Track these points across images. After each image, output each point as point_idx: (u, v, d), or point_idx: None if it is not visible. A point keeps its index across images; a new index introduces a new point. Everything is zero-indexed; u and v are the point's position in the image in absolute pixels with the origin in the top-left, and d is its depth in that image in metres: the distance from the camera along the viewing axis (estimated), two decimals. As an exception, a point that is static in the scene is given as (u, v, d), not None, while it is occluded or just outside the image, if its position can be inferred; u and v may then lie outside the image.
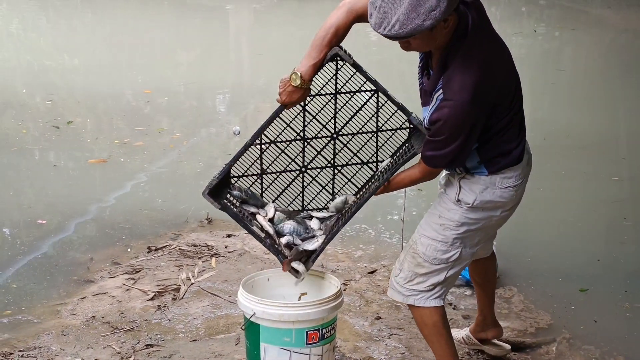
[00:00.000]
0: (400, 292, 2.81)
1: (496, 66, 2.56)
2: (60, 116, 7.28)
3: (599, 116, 7.81)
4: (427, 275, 2.75)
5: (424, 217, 2.85)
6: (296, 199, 2.96)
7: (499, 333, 3.32)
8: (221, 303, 3.76)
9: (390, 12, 2.34)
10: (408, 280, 2.77)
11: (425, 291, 2.77)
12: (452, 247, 2.72)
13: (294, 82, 2.60)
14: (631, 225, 5.05)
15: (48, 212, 5.06)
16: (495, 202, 2.70)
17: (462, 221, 2.69)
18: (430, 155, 2.60)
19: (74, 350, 3.24)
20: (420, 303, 2.77)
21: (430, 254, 2.72)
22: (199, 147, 6.82)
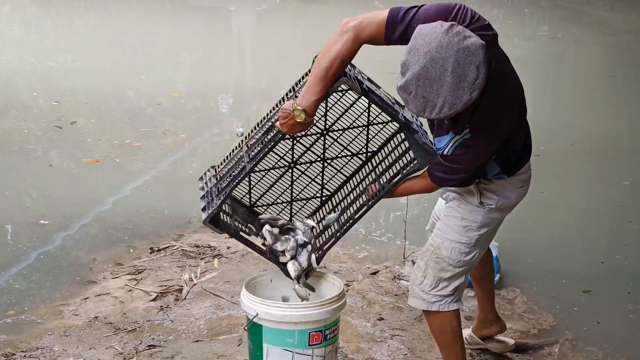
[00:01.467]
0: (426, 299, 2.80)
1: (514, 96, 2.58)
2: (64, 117, 7.28)
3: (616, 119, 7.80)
4: (450, 279, 2.77)
5: (440, 221, 2.86)
6: (285, 192, 2.96)
7: (503, 328, 3.33)
8: (224, 304, 3.76)
9: (431, 95, 2.25)
10: (434, 287, 2.78)
11: (449, 295, 2.79)
12: (474, 248, 2.76)
13: (298, 118, 2.45)
14: (636, 228, 5.04)
15: (50, 212, 5.06)
16: (512, 201, 2.77)
17: (484, 222, 2.74)
18: (440, 176, 2.62)
19: (76, 350, 3.24)
20: (445, 308, 2.79)
21: (455, 257, 2.75)
22: (202, 148, 6.83)
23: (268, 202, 2.98)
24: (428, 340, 3.47)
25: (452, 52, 2.22)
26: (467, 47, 2.22)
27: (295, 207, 3.01)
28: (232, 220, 2.80)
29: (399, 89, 2.31)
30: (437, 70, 2.23)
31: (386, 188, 2.71)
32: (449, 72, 2.22)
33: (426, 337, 3.51)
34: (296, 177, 2.93)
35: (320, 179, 2.95)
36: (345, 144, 2.87)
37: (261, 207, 2.99)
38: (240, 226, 2.83)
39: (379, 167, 2.84)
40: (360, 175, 2.92)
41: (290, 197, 2.97)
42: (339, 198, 2.97)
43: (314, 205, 3.02)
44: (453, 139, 2.56)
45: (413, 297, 2.87)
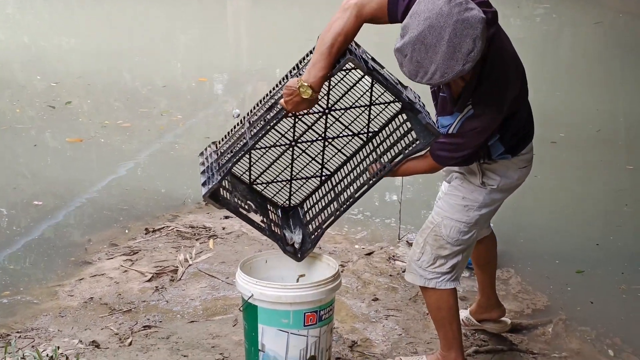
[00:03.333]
0: (423, 275, 2.82)
1: (514, 72, 2.59)
2: (59, 97, 7.25)
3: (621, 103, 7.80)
4: (448, 257, 2.79)
5: (442, 200, 2.87)
6: (284, 170, 2.95)
7: (504, 312, 3.36)
8: (219, 284, 3.76)
9: (425, 61, 2.27)
10: (431, 264, 2.80)
11: (446, 273, 2.81)
12: (473, 228, 2.78)
13: (304, 94, 2.44)
14: (631, 211, 5.05)
15: (43, 193, 5.05)
16: (514, 182, 2.79)
17: (485, 202, 2.75)
18: (442, 155, 2.63)
19: (71, 331, 3.24)
20: (441, 285, 2.81)
21: (453, 236, 2.76)
22: (197, 129, 6.81)
23: (267, 180, 2.97)
24: (423, 320, 3.49)
25: (451, 21, 2.22)
26: (467, 18, 2.23)
27: (294, 185, 3.00)
28: (232, 197, 2.80)
29: (396, 50, 2.32)
30: (433, 37, 2.24)
31: (388, 167, 2.71)
32: (445, 40, 2.23)
33: (421, 317, 3.52)
34: (296, 155, 2.92)
35: (321, 158, 2.94)
36: (347, 123, 2.87)
37: (260, 184, 2.98)
38: (240, 203, 2.82)
39: (381, 147, 2.83)
40: (360, 156, 2.91)
41: (289, 176, 2.96)
42: (339, 178, 2.97)
43: (314, 185, 3.01)
44: (458, 118, 2.57)
45: (410, 273, 2.88)
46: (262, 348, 2.70)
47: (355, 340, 3.24)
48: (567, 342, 3.41)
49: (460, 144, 2.57)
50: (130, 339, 3.17)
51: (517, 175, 2.77)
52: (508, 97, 2.54)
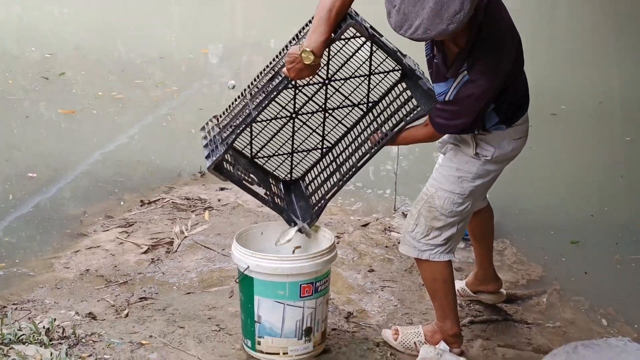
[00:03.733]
0: (416, 247, 2.82)
1: (509, 40, 2.58)
2: (53, 68, 7.19)
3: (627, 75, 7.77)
4: (442, 228, 2.78)
5: (436, 171, 2.87)
6: (285, 143, 2.94)
7: (500, 285, 3.36)
8: (215, 256, 3.77)
9: (411, 14, 2.27)
10: (425, 235, 2.80)
11: (441, 245, 2.80)
12: (467, 199, 2.77)
13: (306, 60, 2.44)
14: (626, 182, 5.07)
15: (38, 165, 5.03)
16: (508, 154, 2.77)
17: (479, 173, 2.74)
18: (441, 123, 2.62)
19: (67, 303, 3.25)
20: (435, 258, 2.81)
21: (447, 207, 2.76)
22: (192, 100, 6.77)
23: (269, 154, 2.96)
24: (418, 291, 3.51)
25: None
26: None
27: (295, 158, 2.99)
28: (235, 170, 2.79)
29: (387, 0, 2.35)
30: None
31: (389, 135, 2.71)
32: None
33: (416, 288, 3.54)
34: (297, 127, 2.91)
35: (322, 130, 2.93)
36: (347, 94, 2.85)
37: (262, 158, 2.97)
38: (243, 175, 2.82)
39: (381, 117, 2.83)
40: (361, 126, 2.91)
41: (291, 149, 2.95)
42: (340, 149, 2.96)
43: (315, 158, 3.00)
44: (453, 84, 2.56)
45: (404, 245, 2.88)
46: (258, 319, 2.71)
47: (351, 311, 3.26)
48: (561, 312, 3.43)
49: (458, 111, 2.57)
50: (127, 310, 3.18)
51: (512, 147, 2.76)
52: (504, 66, 2.53)
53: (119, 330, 2.94)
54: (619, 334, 3.21)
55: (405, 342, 2.91)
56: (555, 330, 3.27)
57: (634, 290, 3.67)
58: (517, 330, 3.23)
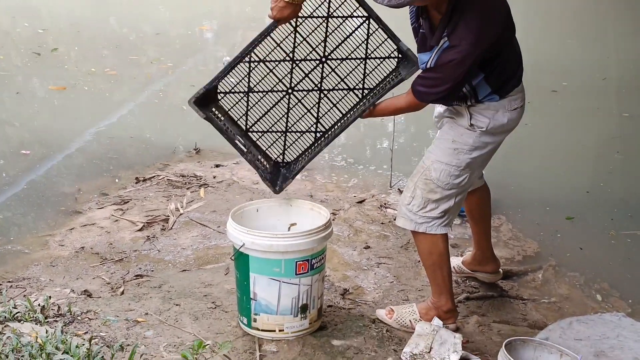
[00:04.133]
0: (413, 220, 2.82)
1: (494, 8, 2.57)
2: (45, 44, 7.13)
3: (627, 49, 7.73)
4: (439, 201, 2.78)
5: (432, 144, 2.86)
6: (280, 119, 2.92)
7: (498, 265, 3.36)
8: (210, 233, 3.76)
9: None
10: (421, 207, 2.80)
11: (437, 218, 2.80)
12: (464, 172, 2.76)
13: None
14: (622, 158, 5.06)
15: (31, 142, 5.00)
16: (505, 125, 2.75)
17: (475, 145, 2.73)
18: (421, 90, 2.61)
19: (63, 280, 3.24)
20: (432, 230, 2.81)
21: (443, 179, 2.75)
22: (187, 76, 6.73)
23: (263, 130, 2.94)
24: (414, 268, 3.51)
25: None
26: None
27: (289, 139, 2.96)
28: (222, 123, 2.82)
29: None
30: None
31: (367, 103, 2.71)
32: None
33: (412, 264, 3.54)
34: (292, 105, 2.89)
35: (316, 111, 2.91)
36: (343, 75, 2.84)
37: (256, 132, 2.94)
38: (227, 128, 2.83)
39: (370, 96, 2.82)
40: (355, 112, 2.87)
41: (285, 127, 2.92)
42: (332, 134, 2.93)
43: (308, 142, 2.96)
44: (434, 51, 2.56)
45: (401, 217, 2.88)
46: (254, 296, 2.70)
47: (347, 288, 3.26)
48: (556, 288, 3.44)
49: (438, 78, 2.55)
50: (122, 288, 3.17)
51: (507, 118, 2.74)
52: (487, 33, 2.51)
53: (115, 308, 2.93)
54: (613, 309, 3.22)
55: (400, 320, 2.92)
56: (550, 306, 3.28)
57: (628, 265, 3.68)
58: (512, 306, 3.24)
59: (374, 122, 6.03)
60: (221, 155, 4.92)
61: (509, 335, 2.74)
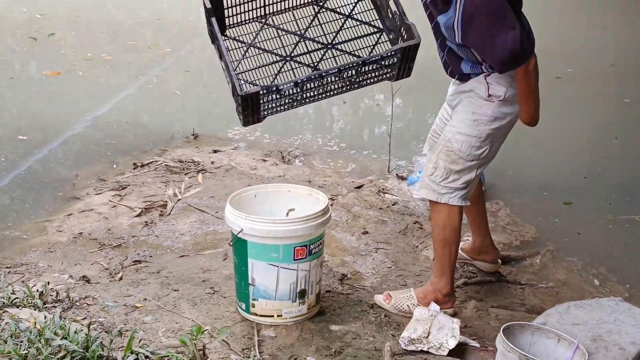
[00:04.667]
0: (436, 190, 2.86)
1: None
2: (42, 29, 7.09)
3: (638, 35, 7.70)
4: (460, 172, 2.83)
5: (453, 116, 2.89)
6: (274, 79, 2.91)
7: (498, 254, 3.36)
8: (208, 219, 3.76)
9: None
10: (444, 178, 2.84)
11: (459, 189, 2.85)
12: (484, 143, 2.81)
13: None
14: (620, 143, 5.06)
15: (28, 127, 4.98)
16: None
17: (495, 115, 2.77)
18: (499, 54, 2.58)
19: (61, 266, 3.24)
20: (454, 201, 2.85)
21: (465, 150, 2.80)
22: (184, 62, 6.70)
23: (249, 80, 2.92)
24: (412, 253, 3.51)
25: None
26: None
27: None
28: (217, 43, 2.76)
29: None
30: None
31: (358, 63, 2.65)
32: None
33: (410, 250, 3.54)
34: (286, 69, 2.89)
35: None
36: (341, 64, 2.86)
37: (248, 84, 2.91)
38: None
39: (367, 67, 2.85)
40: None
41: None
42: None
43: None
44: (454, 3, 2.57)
45: (423, 188, 2.92)
46: (252, 282, 2.71)
47: (345, 273, 3.26)
48: (554, 273, 3.45)
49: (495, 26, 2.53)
50: (121, 273, 3.17)
51: None
52: None
53: (113, 294, 2.94)
54: (610, 294, 3.23)
55: (398, 305, 2.93)
56: (548, 291, 3.29)
57: (626, 250, 3.69)
58: (510, 291, 3.25)
59: (371, 107, 6.03)
60: (219, 141, 4.92)
61: (506, 320, 2.75)
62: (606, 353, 2.32)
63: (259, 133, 5.08)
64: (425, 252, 3.52)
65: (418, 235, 3.69)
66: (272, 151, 4.77)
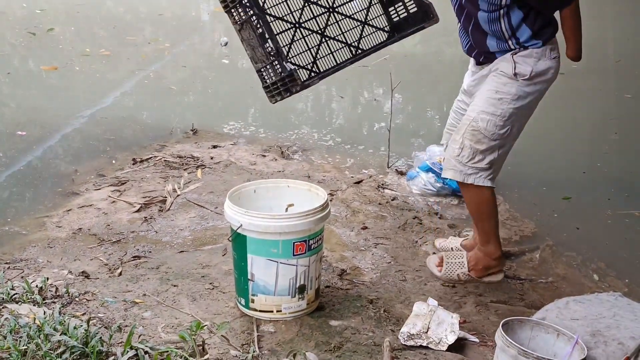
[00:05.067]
0: (462, 171, 2.93)
1: None
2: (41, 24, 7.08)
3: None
4: (485, 152, 2.90)
5: (477, 97, 2.95)
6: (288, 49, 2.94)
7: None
8: (208, 214, 3.76)
9: None
10: (470, 158, 2.91)
11: (484, 170, 2.92)
12: (507, 122, 2.88)
13: None
14: (620, 139, 5.06)
15: (27, 123, 4.97)
16: (546, 73, 2.86)
17: (518, 94, 2.84)
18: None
19: (60, 262, 3.24)
20: (479, 182, 2.93)
21: (490, 129, 2.87)
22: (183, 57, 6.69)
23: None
24: (411, 248, 3.51)
25: None
26: None
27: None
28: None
29: None
30: None
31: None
32: None
33: (409, 245, 3.54)
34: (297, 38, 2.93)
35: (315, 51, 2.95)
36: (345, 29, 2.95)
37: None
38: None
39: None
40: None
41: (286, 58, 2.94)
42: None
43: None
44: None
45: (449, 170, 2.97)
46: (251, 277, 2.71)
47: (344, 268, 3.26)
48: (553, 268, 3.45)
49: None
50: (120, 269, 3.17)
51: (548, 66, 2.84)
52: None
53: (113, 289, 2.94)
54: (610, 289, 3.23)
55: (449, 273, 3.06)
56: (547, 286, 3.29)
57: (625, 245, 3.69)
58: (510, 286, 3.25)
59: (371, 103, 6.02)
60: (218, 136, 4.91)
61: (506, 315, 2.75)
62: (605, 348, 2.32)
63: (258, 128, 5.07)
64: (425, 247, 3.52)
65: (417, 231, 3.69)
66: (271, 146, 4.77)
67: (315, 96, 6.02)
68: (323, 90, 6.18)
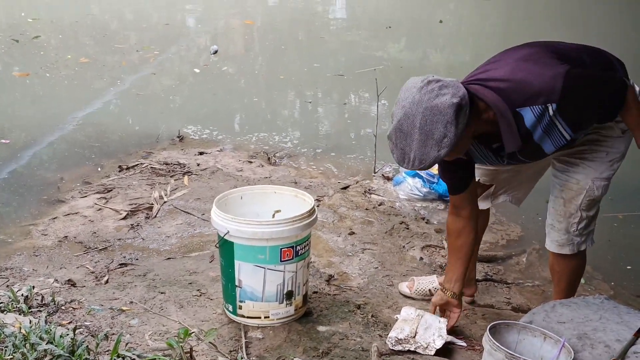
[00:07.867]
0: (574, 242, 2.75)
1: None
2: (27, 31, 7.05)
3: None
4: (595, 215, 2.75)
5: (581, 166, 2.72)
6: None
7: (474, 292, 3.21)
8: (194, 221, 3.75)
9: (406, 148, 2.27)
10: (585, 227, 2.76)
11: (592, 232, 2.78)
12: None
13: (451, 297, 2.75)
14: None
15: (11, 130, 4.94)
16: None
17: (626, 148, 2.68)
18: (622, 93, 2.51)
19: (46, 270, 3.22)
20: (589, 245, 2.79)
21: (604, 192, 2.71)
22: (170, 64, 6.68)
23: None
24: (399, 253, 3.52)
25: (420, 109, 2.22)
26: (435, 105, 2.21)
27: None
28: None
29: (387, 137, 2.34)
30: (408, 126, 2.25)
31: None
32: (417, 128, 2.23)
33: (396, 250, 3.55)
34: None
35: None
36: None
37: None
38: None
39: None
40: None
41: None
42: None
43: None
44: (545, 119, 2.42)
45: (558, 245, 2.78)
46: (239, 284, 2.70)
47: (332, 274, 3.26)
48: (540, 271, 3.47)
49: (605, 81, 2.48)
50: (107, 277, 3.16)
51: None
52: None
53: (99, 297, 2.92)
54: (596, 292, 3.25)
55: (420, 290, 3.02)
56: (534, 289, 3.30)
57: (610, 248, 3.71)
58: (496, 290, 3.26)
59: (357, 108, 6.03)
60: (204, 143, 4.91)
61: (493, 319, 2.76)
62: (592, 351, 2.33)
63: (245, 135, 5.07)
64: (412, 252, 3.53)
65: (404, 236, 3.69)
66: (258, 153, 4.77)
67: (301, 102, 6.03)
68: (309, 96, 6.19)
